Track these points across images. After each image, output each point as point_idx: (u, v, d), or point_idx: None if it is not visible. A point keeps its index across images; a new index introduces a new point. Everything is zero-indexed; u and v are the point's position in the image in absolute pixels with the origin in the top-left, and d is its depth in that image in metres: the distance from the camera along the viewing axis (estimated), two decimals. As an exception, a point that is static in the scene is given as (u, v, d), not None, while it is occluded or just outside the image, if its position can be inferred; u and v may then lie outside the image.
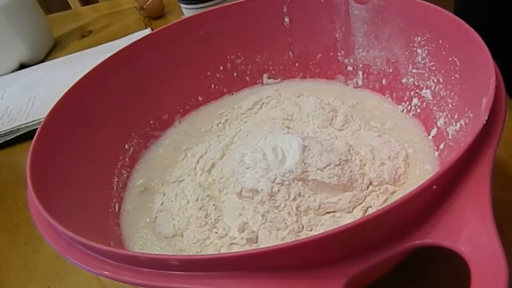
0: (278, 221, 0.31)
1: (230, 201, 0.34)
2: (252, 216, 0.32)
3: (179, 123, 0.46)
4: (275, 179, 0.32)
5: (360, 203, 0.32)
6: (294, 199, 0.31)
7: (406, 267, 0.28)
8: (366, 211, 0.31)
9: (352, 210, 0.32)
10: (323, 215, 0.31)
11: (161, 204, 0.37)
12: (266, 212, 0.31)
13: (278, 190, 0.31)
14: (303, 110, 0.42)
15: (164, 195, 0.38)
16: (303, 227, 0.31)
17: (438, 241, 0.20)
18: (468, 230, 0.20)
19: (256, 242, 0.31)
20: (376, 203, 0.32)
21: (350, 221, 0.30)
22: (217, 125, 0.44)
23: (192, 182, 0.37)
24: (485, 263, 0.18)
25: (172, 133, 0.45)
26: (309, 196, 0.32)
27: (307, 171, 0.32)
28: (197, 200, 0.35)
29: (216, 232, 0.32)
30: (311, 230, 0.31)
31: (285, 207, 0.31)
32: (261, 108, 0.45)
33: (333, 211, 0.31)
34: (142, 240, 0.34)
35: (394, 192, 0.33)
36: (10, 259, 0.41)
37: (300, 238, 0.29)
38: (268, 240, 0.30)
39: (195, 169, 0.39)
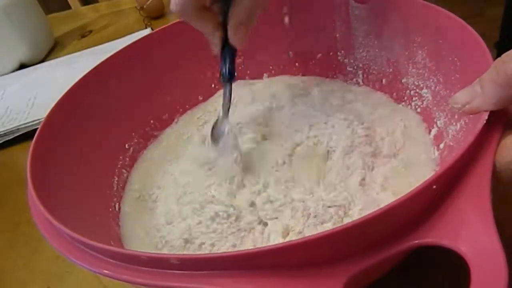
0: None
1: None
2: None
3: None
4: None
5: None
6: None
7: (406, 267, 0.28)
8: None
9: None
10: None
11: (161, 204, 0.37)
12: None
13: None
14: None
15: (163, 194, 0.38)
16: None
17: (438, 241, 0.20)
18: (468, 230, 0.20)
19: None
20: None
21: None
22: (217, 125, 0.44)
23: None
24: (485, 263, 0.18)
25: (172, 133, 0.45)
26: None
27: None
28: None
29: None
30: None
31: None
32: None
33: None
34: (142, 239, 0.34)
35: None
36: (10, 259, 0.41)
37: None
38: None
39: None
